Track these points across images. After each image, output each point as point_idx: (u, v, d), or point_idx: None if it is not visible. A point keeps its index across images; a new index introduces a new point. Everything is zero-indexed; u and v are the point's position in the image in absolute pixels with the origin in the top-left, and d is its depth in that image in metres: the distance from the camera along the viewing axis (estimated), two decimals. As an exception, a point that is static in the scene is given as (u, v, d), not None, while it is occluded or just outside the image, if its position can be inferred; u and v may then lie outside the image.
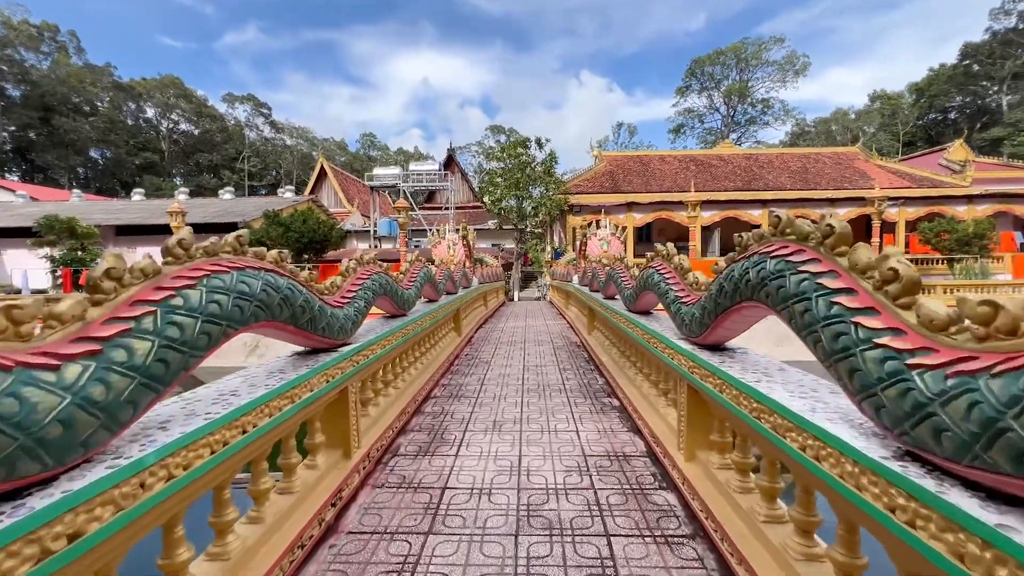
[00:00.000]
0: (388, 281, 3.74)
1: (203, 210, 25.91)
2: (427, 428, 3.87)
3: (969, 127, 56.18)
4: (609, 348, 5.66)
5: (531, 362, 6.45)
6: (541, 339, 8.44)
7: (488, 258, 18.89)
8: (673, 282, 3.09)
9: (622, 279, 4.97)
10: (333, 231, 21.89)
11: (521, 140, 23.51)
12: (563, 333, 9.15)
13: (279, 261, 2.15)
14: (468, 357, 6.82)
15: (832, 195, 24.45)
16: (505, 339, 8.51)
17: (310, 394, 2.28)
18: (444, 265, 6.32)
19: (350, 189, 44.30)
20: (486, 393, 4.92)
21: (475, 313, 10.08)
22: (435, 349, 5.71)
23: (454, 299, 6.77)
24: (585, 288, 7.92)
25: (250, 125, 78.07)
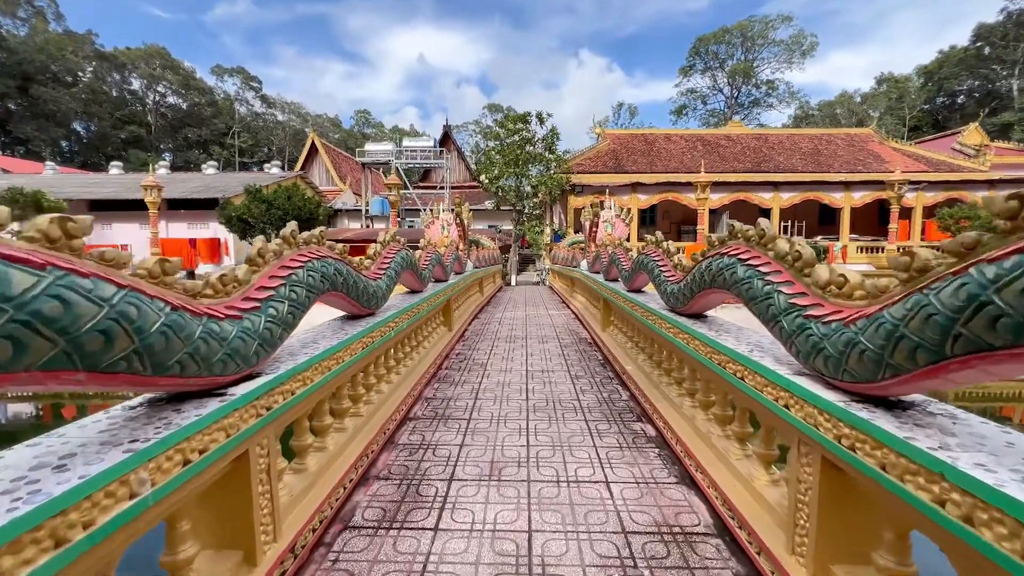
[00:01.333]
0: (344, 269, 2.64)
1: (183, 185, 24.44)
2: (398, 475, 2.79)
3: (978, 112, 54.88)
4: (634, 353, 4.59)
5: (535, 365, 5.38)
6: (545, 334, 7.36)
7: (485, 240, 17.70)
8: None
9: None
10: (320, 209, 20.56)
11: (521, 115, 22.06)
12: (569, 326, 8.07)
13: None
14: (460, 358, 5.73)
15: (847, 178, 23.25)
16: (504, 333, 7.43)
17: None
18: (431, 248, 5.18)
19: (343, 166, 42.67)
20: (481, 412, 3.84)
21: (470, 302, 8.97)
22: (417, 352, 4.61)
23: (444, 288, 5.65)
24: (598, 276, 6.81)
25: (240, 99, 75.59)
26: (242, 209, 18.93)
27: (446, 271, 6.03)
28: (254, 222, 19.13)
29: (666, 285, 3.36)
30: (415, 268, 4.27)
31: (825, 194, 23.28)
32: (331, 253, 2.49)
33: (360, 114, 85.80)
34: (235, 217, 18.93)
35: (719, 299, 2.74)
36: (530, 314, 9.66)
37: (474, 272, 9.14)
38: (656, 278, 3.59)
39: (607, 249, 6.35)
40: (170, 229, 23.01)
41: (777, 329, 1.87)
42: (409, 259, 3.99)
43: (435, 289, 5.24)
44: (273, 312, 1.81)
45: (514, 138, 22.11)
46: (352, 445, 2.75)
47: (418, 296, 4.46)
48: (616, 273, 5.56)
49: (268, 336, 1.76)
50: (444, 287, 5.65)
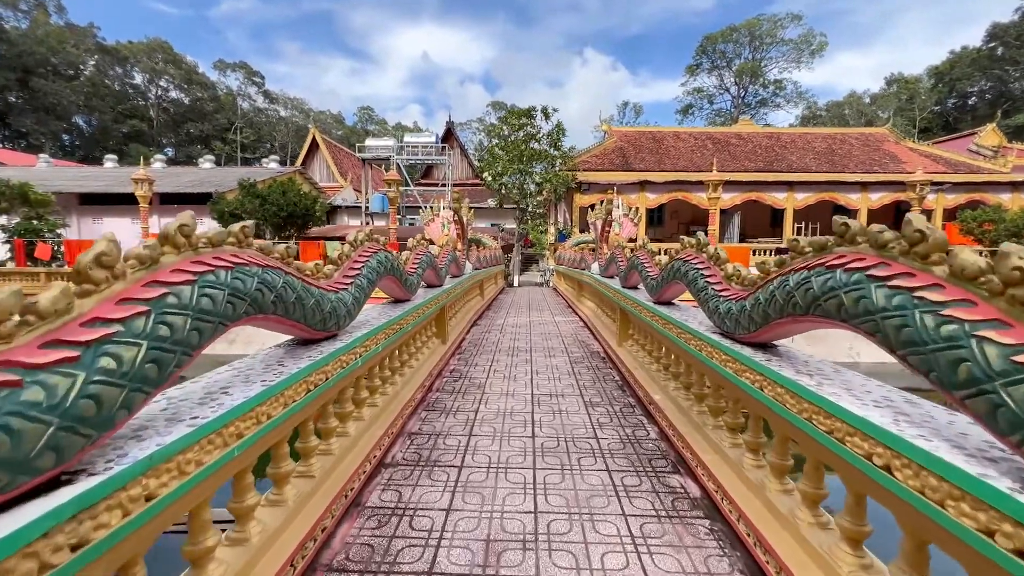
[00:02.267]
0: (280, 280, 1.88)
1: (177, 179, 23.75)
2: (357, 566, 2.02)
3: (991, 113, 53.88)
4: (663, 379, 3.81)
5: (542, 386, 4.61)
6: (551, 345, 6.58)
7: (487, 239, 16.94)
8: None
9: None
10: (317, 205, 19.81)
11: (525, 109, 21.25)
12: (578, 336, 7.30)
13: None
14: (455, 376, 4.96)
15: (864, 179, 22.37)
16: (505, 343, 6.66)
17: None
18: (421, 248, 4.41)
19: (344, 163, 41.98)
20: (476, 455, 3.07)
21: (468, 307, 8.21)
22: (401, 374, 3.84)
23: (436, 295, 4.88)
24: (612, 281, 6.03)
25: (242, 94, 75.19)
26: (235, 204, 18.20)
27: (440, 275, 5.26)
28: (248, 218, 18.40)
29: (717, 302, 2.59)
30: (398, 273, 3.50)
31: (841, 195, 22.41)
32: (259, 258, 1.73)
33: (363, 111, 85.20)
34: (227, 212, 18.20)
35: (807, 328, 1.98)
36: (534, 320, 8.89)
37: (473, 274, 8.38)
38: (700, 292, 2.82)
39: (623, 251, 5.57)
40: (162, 224, 22.29)
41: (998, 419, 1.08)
42: (388, 263, 3.22)
43: (426, 296, 4.48)
44: (106, 363, 1.04)
45: (518, 134, 21.30)
46: (297, 523, 1.99)
47: (402, 308, 3.69)
48: (637, 280, 4.79)
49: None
50: (437, 293, 4.88)
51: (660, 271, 3.78)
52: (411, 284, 3.87)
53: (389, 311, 3.51)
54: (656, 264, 4.03)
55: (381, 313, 3.38)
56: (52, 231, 19.51)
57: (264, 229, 18.76)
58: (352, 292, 2.56)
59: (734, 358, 2.31)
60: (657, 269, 3.98)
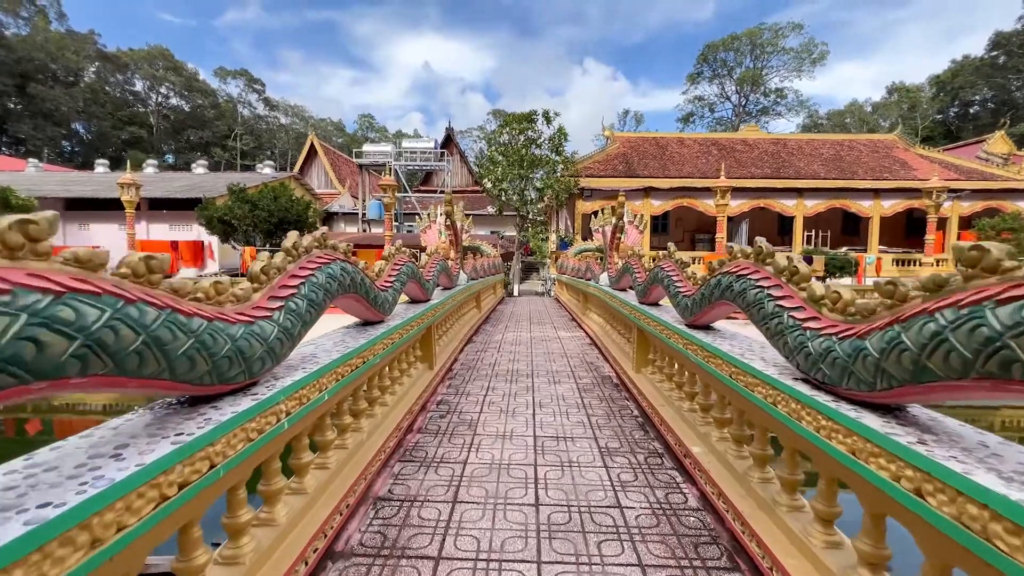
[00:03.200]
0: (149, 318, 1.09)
1: (168, 184, 23.07)
2: None
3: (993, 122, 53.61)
4: (703, 425, 3.00)
5: (547, 425, 3.80)
6: (556, 368, 5.77)
7: (485, 246, 16.18)
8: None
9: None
10: (310, 211, 19.08)
11: (526, 113, 20.58)
12: (585, 355, 6.49)
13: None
14: (442, 410, 4.16)
15: (877, 185, 21.65)
16: (503, 365, 5.85)
17: None
18: (401, 257, 3.63)
19: (343, 169, 41.44)
20: (460, 540, 2.26)
21: (463, 322, 7.41)
22: (368, 418, 3.03)
23: (421, 313, 4.09)
24: (627, 297, 5.24)
25: (243, 102, 75.16)
26: (223, 210, 17.47)
27: (426, 288, 4.47)
28: (237, 224, 17.68)
29: (799, 336, 1.81)
30: (362, 290, 2.71)
31: (853, 202, 21.70)
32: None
33: (364, 118, 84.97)
34: (216, 218, 17.47)
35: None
36: (536, 336, 8.08)
37: (469, 286, 7.59)
38: (769, 320, 2.04)
39: (639, 260, 4.79)
40: (151, 230, 21.60)
41: None
42: (347, 277, 2.44)
43: (407, 316, 3.69)
44: None
45: (519, 138, 20.63)
46: None
47: (369, 333, 2.90)
48: (659, 296, 4.01)
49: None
50: (421, 311, 4.09)
51: (696, 288, 3.00)
52: (383, 302, 3.07)
53: (351, 338, 2.72)
54: (688, 278, 3.24)
55: (339, 343, 2.59)
56: (34, 237, 18.79)
57: (254, 236, 18.02)
58: (279, 322, 1.78)
59: (847, 428, 1.51)
60: (689, 284, 3.20)
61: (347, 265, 2.48)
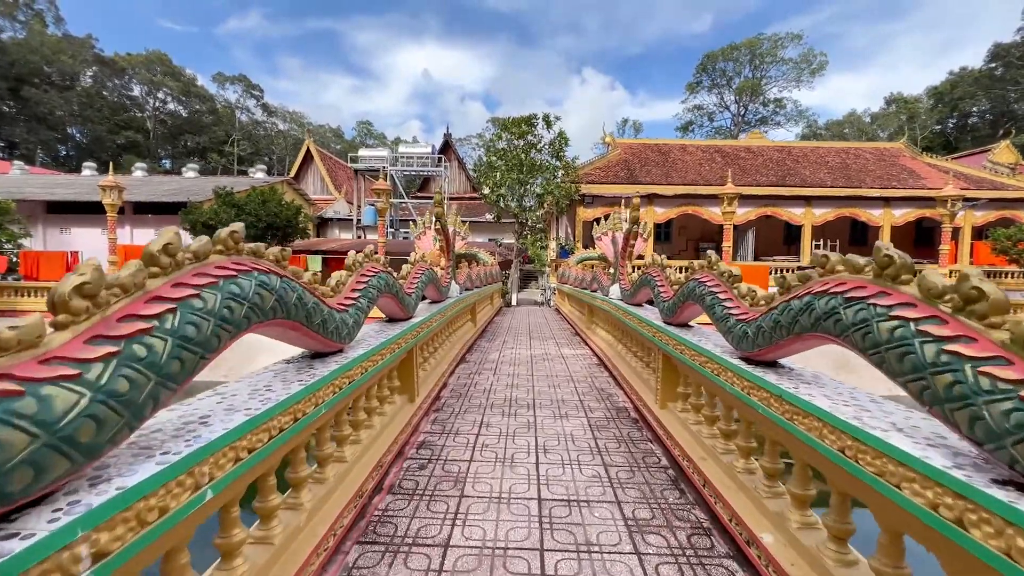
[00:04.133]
0: None
1: (155, 188, 22.30)
2: None
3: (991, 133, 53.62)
4: (772, 501, 2.19)
5: (554, 480, 2.99)
6: (562, 395, 4.96)
7: (483, 254, 15.42)
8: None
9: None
10: (300, 215, 18.30)
11: (526, 117, 19.93)
12: (593, 378, 5.69)
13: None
14: (422, 457, 3.35)
15: (888, 194, 21.02)
16: (500, 392, 5.04)
17: None
18: (372, 268, 2.84)
19: (339, 175, 40.76)
20: None
21: (454, 339, 6.60)
22: (308, 494, 2.21)
23: (398, 335, 3.30)
24: (646, 313, 4.44)
25: (241, 107, 74.75)
26: (208, 214, 16.68)
27: (406, 304, 3.67)
28: (222, 227, 16.87)
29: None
30: (300, 315, 1.91)
31: (863, 210, 21.04)
32: None
33: (362, 125, 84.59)
34: (200, 223, 16.68)
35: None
36: (537, 354, 7.27)
37: (463, 297, 6.79)
38: (934, 379, 1.24)
39: (662, 272, 4.00)
40: (135, 235, 20.77)
41: None
42: (277, 295, 1.66)
43: (379, 341, 2.89)
44: None
45: (518, 143, 19.95)
46: None
47: (317, 370, 2.10)
48: (692, 315, 3.23)
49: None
50: (398, 334, 3.29)
51: (759, 311, 2.21)
52: (336, 328, 2.27)
53: (282, 382, 1.92)
54: (743, 297, 2.45)
55: (260, 391, 1.79)
56: (11, 241, 17.96)
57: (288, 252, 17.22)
58: (128, 365, 0.99)
59: None
60: (744, 305, 2.41)
61: (270, 278, 1.69)
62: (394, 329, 3.34)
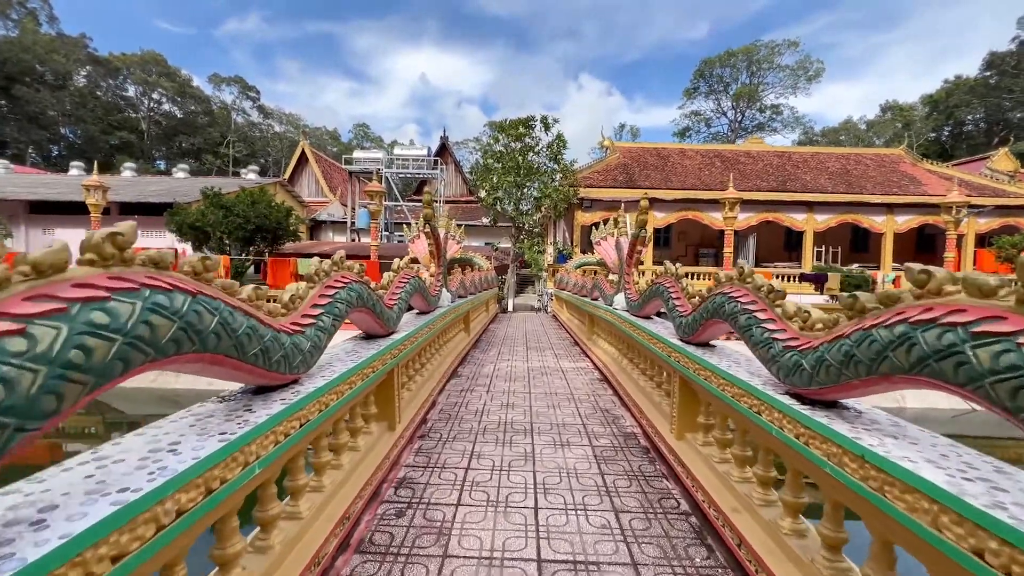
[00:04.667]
0: None
1: (143, 188, 21.74)
2: None
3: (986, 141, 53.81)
4: (827, 573, 1.72)
5: (556, 535, 2.50)
6: (563, 418, 4.48)
7: (478, 258, 14.96)
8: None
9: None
10: (291, 218, 17.77)
11: (524, 119, 19.52)
12: (597, 397, 5.21)
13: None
14: (403, 498, 2.85)
15: (892, 200, 20.70)
16: (494, 414, 4.55)
17: None
18: (341, 278, 2.35)
19: (335, 177, 40.26)
20: None
21: (445, 352, 6.10)
22: (241, 572, 1.72)
23: (373, 358, 2.81)
24: (657, 328, 3.97)
25: (237, 109, 74.12)
26: (195, 215, 16.14)
27: (386, 319, 3.18)
28: (210, 230, 16.34)
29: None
30: (235, 344, 1.43)
31: (865, 217, 20.72)
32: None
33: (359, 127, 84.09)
34: (186, 224, 16.13)
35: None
36: (534, 366, 6.79)
37: (455, 306, 6.31)
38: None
39: (677, 283, 3.54)
40: (121, 237, 20.14)
41: None
42: (207, 325, 1.18)
43: (347, 367, 2.41)
44: None
45: (515, 145, 19.52)
46: None
47: (249, 420, 1.61)
48: (715, 334, 2.77)
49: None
50: (373, 356, 2.81)
51: (816, 338, 1.75)
52: (283, 358, 1.78)
53: (204, 435, 1.44)
54: (791, 318, 1.99)
55: (179, 443, 1.31)
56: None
57: (229, 244, 16.68)
58: None
59: None
60: (791, 328, 1.95)
61: (172, 298, 1.21)
62: (370, 348, 2.86)
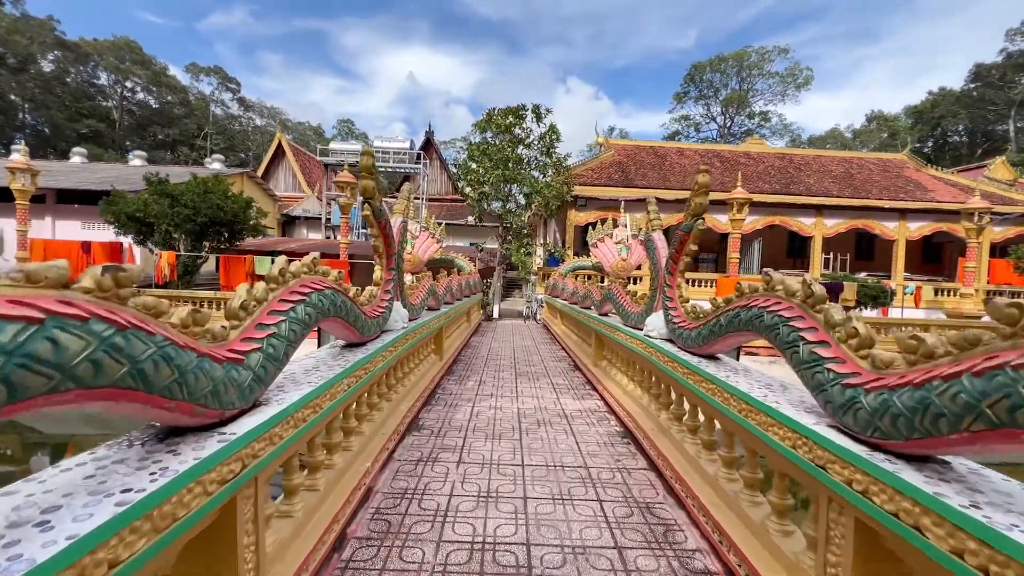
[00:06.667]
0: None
1: (89, 175, 19.46)
2: None
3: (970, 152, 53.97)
4: None
5: None
6: (580, 535, 2.74)
7: (461, 260, 13.20)
8: None
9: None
10: (251, 211, 15.75)
11: (514, 108, 17.81)
12: (627, 478, 3.50)
13: None
14: None
15: (906, 205, 19.46)
16: (463, 524, 2.80)
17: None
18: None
19: (313, 172, 38.03)
20: None
21: (397, 398, 4.32)
22: None
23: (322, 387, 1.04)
24: (776, 397, 2.27)
25: (215, 100, 70.87)
26: (136, 205, 14.06)
27: (266, 368, 1.42)
28: (155, 222, 14.27)
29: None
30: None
31: (877, 222, 19.47)
32: None
33: (343, 123, 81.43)
34: (125, 215, 14.04)
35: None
36: (527, 409, 5.03)
37: (418, 326, 4.55)
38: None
39: (798, 306, 1.84)
40: (58, 228, 17.90)
41: None
42: None
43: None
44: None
45: (504, 136, 17.79)
46: None
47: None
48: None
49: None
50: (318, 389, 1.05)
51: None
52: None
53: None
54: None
55: None
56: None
57: (176, 238, 14.62)
58: None
59: None
60: None
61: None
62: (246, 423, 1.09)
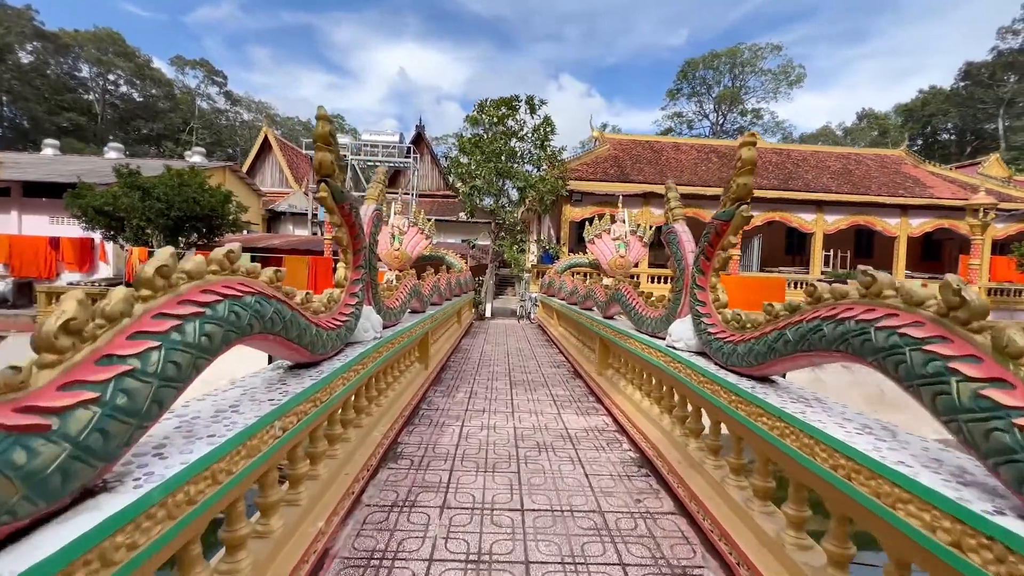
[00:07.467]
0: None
1: (56, 167, 18.48)
2: None
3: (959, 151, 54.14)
4: None
5: None
6: (584, 550, 2.11)
7: (451, 257, 12.51)
8: None
9: None
10: (229, 205, 14.91)
11: (507, 99, 17.10)
12: (653, 528, 2.88)
13: None
14: None
15: (905, 201, 19.06)
16: (457, 538, 2.15)
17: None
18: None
19: (301, 167, 37.04)
20: None
21: (373, 419, 3.66)
22: None
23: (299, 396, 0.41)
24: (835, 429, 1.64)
25: (202, 94, 69.09)
26: (105, 198, 13.18)
27: (105, 432, 0.78)
28: (125, 216, 13.40)
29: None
30: None
31: (878, 219, 19.05)
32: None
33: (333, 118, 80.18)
34: (93, 208, 13.17)
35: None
36: (525, 428, 4.38)
37: (401, 331, 3.89)
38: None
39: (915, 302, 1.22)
40: (24, 222, 16.92)
41: None
42: None
43: None
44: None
45: (497, 128, 17.09)
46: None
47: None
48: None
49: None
50: None
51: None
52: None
53: None
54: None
55: None
56: None
57: (149, 234, 13.76)
58: None
59: None
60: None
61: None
62: None
